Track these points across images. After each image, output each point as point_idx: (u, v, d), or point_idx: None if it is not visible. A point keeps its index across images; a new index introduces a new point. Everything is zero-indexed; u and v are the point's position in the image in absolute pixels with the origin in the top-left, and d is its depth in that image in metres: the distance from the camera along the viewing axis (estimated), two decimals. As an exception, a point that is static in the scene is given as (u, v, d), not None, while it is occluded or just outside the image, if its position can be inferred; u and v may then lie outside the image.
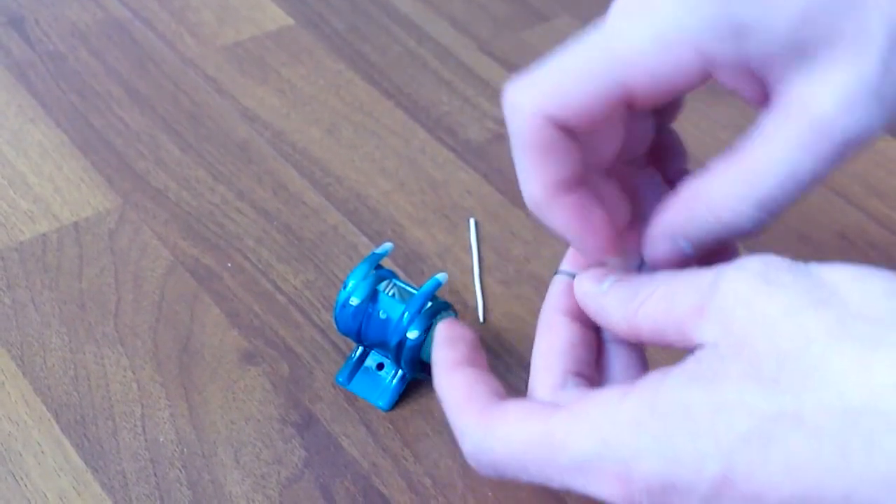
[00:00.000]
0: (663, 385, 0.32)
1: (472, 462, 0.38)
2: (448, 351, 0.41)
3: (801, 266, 0.32)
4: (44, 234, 0.59)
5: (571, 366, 0.39)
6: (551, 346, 0.40)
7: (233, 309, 0.56)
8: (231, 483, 0.48)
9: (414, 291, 0.50)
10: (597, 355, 0.41)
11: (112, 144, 0.65)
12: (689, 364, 0.32)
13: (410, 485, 0.49)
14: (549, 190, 0.38)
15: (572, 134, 0.37)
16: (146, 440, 0.50)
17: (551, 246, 0.59)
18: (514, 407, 0.37)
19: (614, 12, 0.36)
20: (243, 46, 0.73)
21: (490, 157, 0.65)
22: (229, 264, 0.58)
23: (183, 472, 0.49)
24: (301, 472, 0.49)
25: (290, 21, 0.76)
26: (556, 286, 0.42)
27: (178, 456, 0.49)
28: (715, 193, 0.36)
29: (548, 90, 0.37)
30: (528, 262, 0.59)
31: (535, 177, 0.37)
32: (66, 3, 0.76)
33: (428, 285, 0.50)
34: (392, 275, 0.52)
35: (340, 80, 0.71)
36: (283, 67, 0.72)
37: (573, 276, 0.41)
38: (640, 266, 0.41)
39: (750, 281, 0.32)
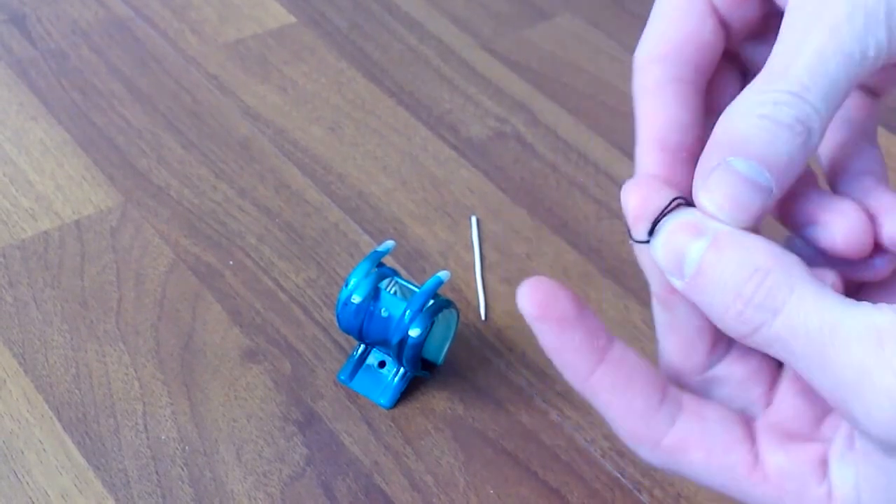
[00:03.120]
0: None
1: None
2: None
3: None
4: (45, 232, 0.59)
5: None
6: None
7: (234, 307, 0.56)
8: (233, 481, 0.48)
9: (416, 289, 0.50)
10: None
11: (114, 142, 0.65)
12: None
13: (412, 482, 0.49)
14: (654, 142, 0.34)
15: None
16: (148, 438, 0.50)
17: (553, 243, 0.59)
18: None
19: None
20: (245, 44, 0.73)
21: (491, 154, 0.65)
22: (231, 262, 0.58)
23: (185, 469, 0.49)
24: (303, 469, 0.49)
25: (292, 19, 0.76)
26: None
27: (179, 454, 0.49)
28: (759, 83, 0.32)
29: None
30: (529, 259, 0.59)
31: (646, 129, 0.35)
32: (68, 0, 0.76)
33: (429, 283, 0.50)
34: (394, 273, 0.52)
35: (342, 77, 0.71)
36: (284, 65, 0.72)
37: None
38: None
39: None
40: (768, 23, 0.36)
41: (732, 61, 0.37)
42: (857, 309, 0.29)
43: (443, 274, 0.50)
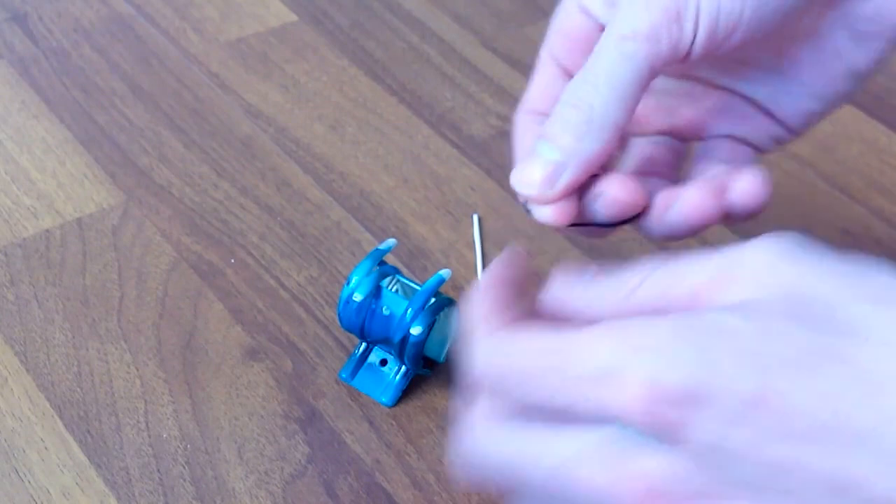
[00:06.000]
0: (704, 311, 0.31)
1: (478, 379, 0.34)
2: (498, 267, 0.37)
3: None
4: (47, 231, 0.59)
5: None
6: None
7: (236, 305, 0.56)
8: (234, 479, 0.48)
9: (417, 287, 0.50)
10: None
11: (115, 140, 0.65)
12: (721, 307, 0.31)
13: (414, 481, 0.49)
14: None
15: None
16: (149, 436, 0.50)
17: (555, 242, 0.59)
18: (537, 325, 0.34)
19: None
20: (247, 42, 0.73)
21: (493, 152, 0.65)
22: (233, 260, 0.58)
23: (186, 468, 0.49)
24: (304, 468, 0.49)
25: (294, 17, 0.76)
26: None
27: (181, 452, 0.49)
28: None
29: None
30: (531, 258, 0.59)
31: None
32: (70, -1, 0.76)
33: (431, 281, 0.50)
34: (395, 271, 0.52)
35: (344, 76, 0.71)
36: (286, 64, 0.72)
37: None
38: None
39: (789, 244, 0.32)
40: None
41: None
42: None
43: (444, 272, 0.50)
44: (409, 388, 0.52)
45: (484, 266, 0.58)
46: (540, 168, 0.39)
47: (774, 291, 0.30)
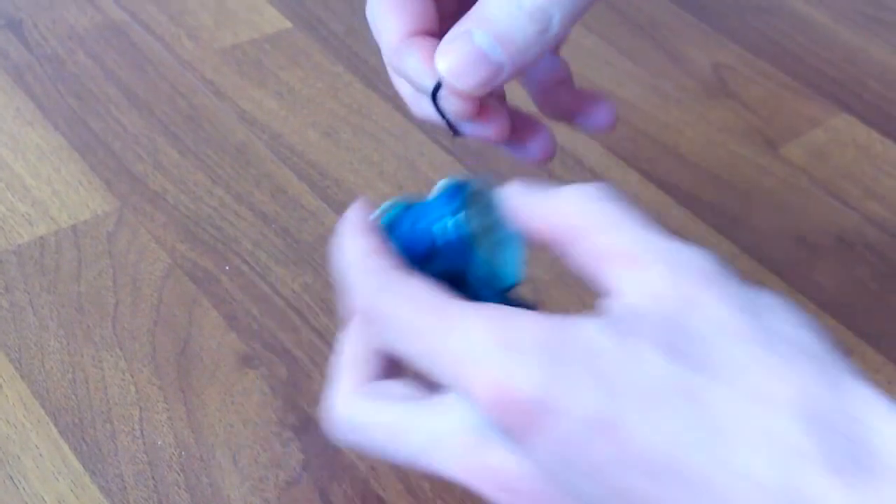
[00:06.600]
0: (574, 322, 0.30)
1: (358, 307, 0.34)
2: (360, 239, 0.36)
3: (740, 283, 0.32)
4: (42, 237, 0.59)
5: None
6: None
7: (231, 312, 0.56)
8: (229, 486, 0.48)
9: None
10: None
11: (110, 147, 0.65)
12: (604, 314, 0.31)
13: (409, 488, 0.49)
14: (407, 37, 0.39)
15: None
16: (144, 443, 0.50)
17: (548, 248, 0.59)
18: (418, 280, 0.33)
19: None
20: (241, 49, 0.74)
21: (488, 159, 0.65)
22: (227, 267, 0.58)
23: (181, 475, 0.49)
24: (299, 475, 0.49)
25: (288, 24, 0.76)
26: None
27: (176, 459, 0.49)
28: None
29: None
30: (524, 264, 0.59)
31: (394, 27, 0.40)
32: (64, 6, 0.76)
33: (445, 191, 0.38)
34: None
35: (338, 82, 0.71)
36: (281, 70, 0.72)
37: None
38: (435, 96, 0.38)
39: (706, 265, 0.31)
40: None
41: None
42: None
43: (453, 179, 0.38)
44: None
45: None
46: (480, 64, 0.37)
47: (664, 307, 0.30)
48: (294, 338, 0.55)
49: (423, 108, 0.40)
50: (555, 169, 0.65)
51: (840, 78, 0.74)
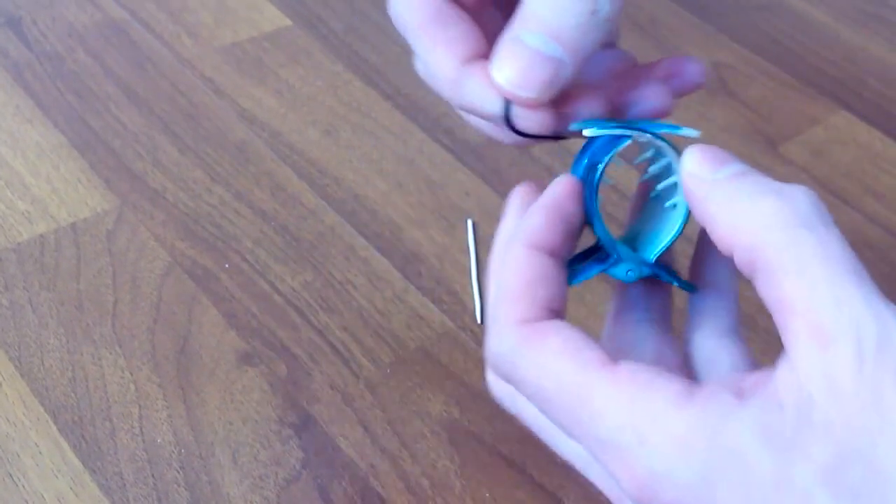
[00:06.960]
0: (731, 420, 0.28)
1: (489, 358, 0.34)
2: (537, 219, 0.34)
3: None
4: (41, 235, 0.59)
5: (546, 301, 0.33)
6: (522, 276, 0.34)
7: (230, 310, 0.56)
8: (229, 484, 0.48)
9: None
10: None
11: (110, 145, 0.65)
12: (769, 408, 0.28)
13: (408, 486, 0.49)
14: (460, 66, 0.35)
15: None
16: (144, 441, 0.50)
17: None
18: (556, 336, 0.32)
19: None
20: (241, 47, 0.74)
21: (488, 157, 0.65)
22: (227, 265, 0.58)
23: (181, 473, 0.49)
24: (299, 473, 0.49)
25: (288, 22, 0.76)
26: (532, 220, 0.35)
27: (175, 457, 0.49)
28: None
29: None
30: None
31: (446, 52, 0.35)
32: (64, 4, 0.76)
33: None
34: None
35: (338, 80, 0.71)
36: (280, 68, 0.72)
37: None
38: (508, 119, 0.35)
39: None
40: None
41: None
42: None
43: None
44: (406, 391, 0.52)
45: (478, 272, 0.58)
46: (539, 66, 0.33)
47: (845, 413, 0.27)
48: (293, 335, 0.55)
49: (511, 135, 0.36)
50: (555, 167, 0.65)
51: (840, 76, 0.74)
